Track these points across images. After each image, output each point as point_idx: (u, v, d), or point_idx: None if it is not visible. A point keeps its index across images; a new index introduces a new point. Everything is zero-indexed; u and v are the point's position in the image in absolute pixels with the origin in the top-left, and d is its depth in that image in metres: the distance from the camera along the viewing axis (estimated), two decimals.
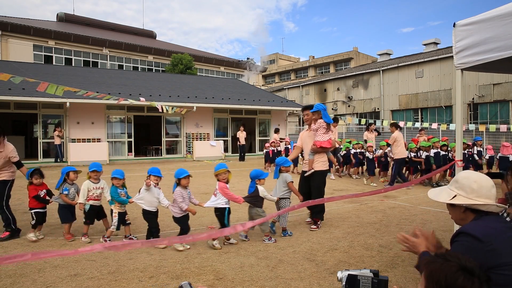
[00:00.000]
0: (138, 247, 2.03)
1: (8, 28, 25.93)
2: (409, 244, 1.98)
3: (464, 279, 1.26)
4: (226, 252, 4.28)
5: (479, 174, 1.90)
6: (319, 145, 5.37)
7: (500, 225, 1.74)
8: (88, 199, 4.87)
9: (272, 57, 54.31)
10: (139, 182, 5.55)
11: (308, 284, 3.37)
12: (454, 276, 1.27)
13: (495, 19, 3.14)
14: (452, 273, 1.27)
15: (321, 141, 5.36)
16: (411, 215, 6.22)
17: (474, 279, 1.26)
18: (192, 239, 2.29)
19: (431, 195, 2.02)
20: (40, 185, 5.04)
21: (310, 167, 5.50)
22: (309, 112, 5.59)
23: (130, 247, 2.47)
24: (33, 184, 4.99)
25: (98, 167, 5.02)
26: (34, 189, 4.98)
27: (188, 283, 1.53)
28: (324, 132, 5.39)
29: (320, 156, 5.48)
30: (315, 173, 5.45)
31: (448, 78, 21.43)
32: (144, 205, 4.65)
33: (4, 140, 5.06)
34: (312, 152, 5.46)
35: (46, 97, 15.31)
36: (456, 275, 1.27)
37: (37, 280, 3.49)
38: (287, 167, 5.30)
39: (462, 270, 1.28)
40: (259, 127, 22.83)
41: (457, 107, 3.90)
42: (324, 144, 5.36)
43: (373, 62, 37.20)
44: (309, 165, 5.53)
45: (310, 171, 5.49)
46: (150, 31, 41.51)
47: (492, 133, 15.71)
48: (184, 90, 21.22)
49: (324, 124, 5.38)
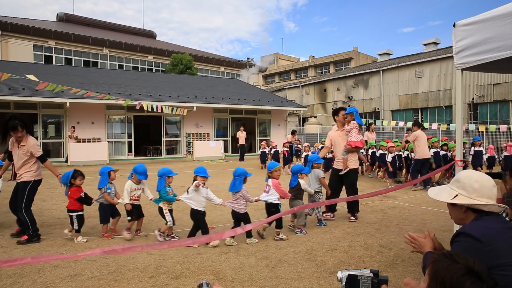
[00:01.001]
0: (138, 251, 2.03)
1: (8, 28, 25.94)
2: (416, 244, 1.98)
3: (471, 284, 1.22)
4: (226, 252, 4.28)
5: (480, 173, 1.89)
6: (354, 145, 5.78)
7: (499, 225, 1.74)
8: (130, 199, 4.94)
9: (272, 57, 54.31)
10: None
11: (308, 284, 3.37)
12: (461, 279, 1.23)
13: (495, 19, 3.14)
14: (459, 276, 1.24)
15: (355, 141, 5.77)
16: (411, 215, 6.22)
17: (481, 284, 1.23)
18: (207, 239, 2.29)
19: (431, 194, 2.01)
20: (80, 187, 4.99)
21: (344, 166, 5.91)
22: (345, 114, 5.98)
23: (130, 252, 2.48)
24: (75, 186, 4.87)
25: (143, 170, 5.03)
26: (76, 190, 4.86)
27: (207, 283, 1.53)
28: (357, 132, 5.82)
29: (352, 155, 5.91)
30: (350, 171, 5.89)
31: (448, 78, 21.44)
32: (193, 205, 4.72)
33: (26, 134, 4.82)
34: (346, 151, 5.86)
35: (46, 97, 15.31)
36: (463, 279, 1.23)
37: (37, 280, 3.49)
38: (319, 164, 5.79)
39: (469, 274, 1.24)
40: (259, 127, 22.83)
41: (457, 107, 3.90)
42: (357, 144, 5.78)
43: (373, 62, 37.20)
44: (343, 164, 5.93)
45: (345, 169, 5.90)
46: (150, 31, 41.53)
47: (492, 133, 15.71)
48: (184, 90, 21.22)
49: (356, 125, 5.80)
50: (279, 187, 4.89)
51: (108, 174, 5.00)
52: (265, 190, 4.97)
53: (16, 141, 4.83)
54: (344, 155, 5.89)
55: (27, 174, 4.82)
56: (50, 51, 28.16)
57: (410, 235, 2.02)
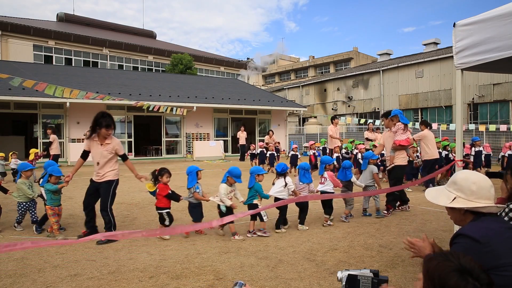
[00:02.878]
0: (138, 236, 2.03)
1: (8, 28, 25.94)
2: (416, 249, 1.97)
3: (457, 280, 1.22)
4: (226, 252, 4.28)
5: (477, 174, 1.88)
6: (398, 143, 6.33)
7: (498, 225, 1.74)
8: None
9: (272, 57, 54.29)
10: (140, 182, 5.57)
11: (308, 284, 3.37)
12: (447, 276, 1.24)
13: (495, 19, 3.14)
14: (446, 272, 1.24)
15: (400, 140, 6.33)
16: (411, 215, 6.22)
17: (470, 280, 1.22)
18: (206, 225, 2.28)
19: (429, 197, 1.99)
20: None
21: (390, 162, 6.51)
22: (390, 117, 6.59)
23: (129, 237, 2.48)
24: (162, 183, 4.91)
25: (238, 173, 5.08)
26: (164, 188, 4.92)
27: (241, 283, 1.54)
28: (402, 132, 6.35)
29: (400, 153, 6.40)
30: (395, 167, 6.42)
31: (448, 78, 21.43)
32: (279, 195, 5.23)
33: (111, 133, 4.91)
34: (393, 150, 6.42)
35: (46, 97, 15.31)
36: (449, 275, 1.23)
37: (37, 280, 3.49)
38: (374, 160, 6.47)
39: (457, 271, 1.24)
40: (259, 127, 22.83)
41: (457, 107, 3.90)
42: (402, 142, 6.32)
43: (373, 62, 37.19)
44: (390, 161, 6.54)
45: (391, 165, 6.49)
46: (150, 31, 41.54)
47: (492, 133, 15.70)
48: (184, 90, 21.22)
49: (401, 125, 6.35)
50: (334, 178, 5.68)
51: (196, 173, 5.07)
52: (321, 182, 5.69)
53: (100, 139, 4.84)
54: (391, 153, 6.48)
55: (111, 173, 4.83)
56: (50, 51, 28.16)
57: (408, 240, 2.01)
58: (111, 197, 4.80)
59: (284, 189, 5.21)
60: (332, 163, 6.06)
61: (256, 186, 5.03)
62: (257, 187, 5.03)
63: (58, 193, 4.96)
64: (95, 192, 4.85)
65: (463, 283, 1.22)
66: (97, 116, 4.85)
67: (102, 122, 4.77)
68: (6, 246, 1.48)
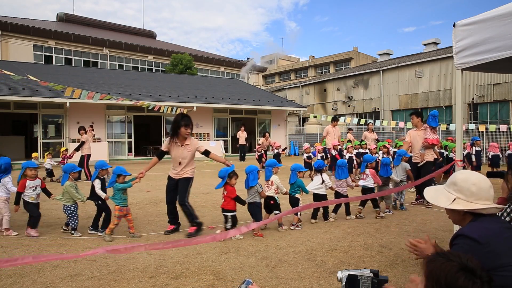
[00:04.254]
0: (141, 250, 2.03)
1: (8, 28, 25.93)
2: (418, 250, 1.97)
3: (465, 280, 1.23)
4: (226, 252, 4.28)
5: (477, 175, 1.86)
6: (430, 142, 6.89)
7: (498, 225, 1.74)
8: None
9: (272, 57, 54.28)
10: (141, 182, 5.56)
11: (308, 284, 3.37)
12: (454, 276, 1.24)
13: (495, 19, 3.14)
14: (453, 273, 1.25)
15: (431, 139, 6.91)
16: (411, 215, 6.22)
17: (475, 279, 1.24)
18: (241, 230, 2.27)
19: (428, 197, 1.99)
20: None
21: (422, 159, 7.05)
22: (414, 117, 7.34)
23: (132, 251, 2.46)
24: (230, 185, 4.98)
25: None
26: (233, 190, 4.96)
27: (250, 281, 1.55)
28: (432, 132, 6.94)
29: (429, 150, 7.03)
30: (426, 162, 6.99)
31: (448, 78, 21.43)
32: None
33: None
34: (423, 147, 7.02)
35: (46, 97, 15.32)
36: (457, 275, 1.24)
37: (37, 280, 3.49)
38: (406, 157, 7.03)
39: (463, 270, 1.25)
40: (259, 127, 22.83)
41: (457, 107, 3.90)
42: (433, 141, 6.92)
43: (373, 62, 37.18)
44: (420, 157, 7.08)
45: (422, 162, 7.01)
46: (150, 31, 41.52)
47: (492, 133, 15.70)
48: (184, 90, 21.22)
49: (427, 126, 6.98)
50: (375, 175, 6.22)
51: (257, 173, 5.19)
52: (362, 178, 6.29)
53: (180, 141, 5.15)
54: (421, 150, 7.07)
55: (190, 171, 5.21)
56: (50, 51, 28.15)
57: (411, 242, 2.00)
58: (188, 191, 5.18)
59: (322, 185, 5.69)
60: (374, 161, 6.54)
61: (298, 181, 5.48)
62: (299, 182, 5.49)
63: (126, 193, 5.03)
64: (175, 188, 5.20)
65: (470, 283, 1.23)
66: (177, 118, 5.15)
67: (181, 122, 5.07)
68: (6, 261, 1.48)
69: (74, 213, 5.15)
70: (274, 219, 5.09)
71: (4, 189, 5.17)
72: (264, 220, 4.67)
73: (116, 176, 4.95)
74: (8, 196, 5.22)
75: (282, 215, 4.24)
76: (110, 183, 5.06)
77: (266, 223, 5.17)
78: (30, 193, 5.08)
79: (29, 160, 6.03)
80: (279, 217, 5.12)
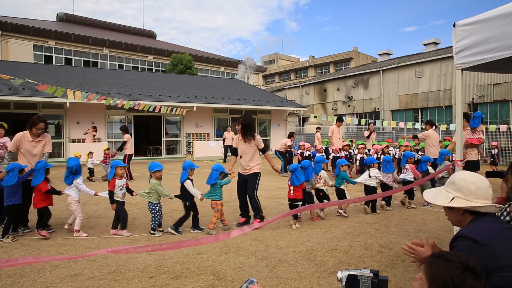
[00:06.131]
0: (143, 251, 2.03)
1: (8, 28, 25.91)
2: (416, 254, 1.97)
3: (471, 280, 1.24)
4: (226, 252, 4.28)
5: (475, 175, 1.88)
6: (470, 141, 7.18)
7: (497, 226, 1.73)
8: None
9: (272, 57, 54.28)
10: (141, 182, 5.56)
11: (308, 284, 3.37)
12: (461, 277, 1.25)
13: (495, 19, 3.14)
14: (459, 274, 1.25)
15: (472, 138, 7.19)
16: (411, 215, 6.22)
17: (480, 278, 1.24)
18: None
19: (428, 197, 1.99)
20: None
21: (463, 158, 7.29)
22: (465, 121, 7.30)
23: (134, 251, 2.48)
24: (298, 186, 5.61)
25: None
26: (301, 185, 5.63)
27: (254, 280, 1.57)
28: (472, 132, 7.19)
29: (471, 149, 7.29)
30: (467, 162, 6.87)
31: (448, 78, 21.43)
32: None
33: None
34: (465, 147, 7.11)
35: (46, 97, 15.30)
36: (463, 276, 1.25)
37: (37, 280, 3.49)
38: (449, 156, 7.34)
39: (467, 270, 1.26)
40: (259, 127, 22.83)
41: (457, 107, 3.90)
42: (473, 141, 7.18)
43: (373, 62, 37.18)
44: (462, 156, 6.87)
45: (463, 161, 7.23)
46: (150, 31, 41.51)
47: (492, 133, 15.70)
48: (184, 90, 21.21)
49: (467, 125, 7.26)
50: (415, 170, 6.80)
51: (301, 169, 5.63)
52: (403, 172, 6.90)
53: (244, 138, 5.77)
54: (463, 149, 7.08)
55: (257, 167, 5.73)
56: (50, 51, 28.13)
57: (408, 246, 1.99)
58: (257, 186, 5.68)
59: (370, 178, 6.42)
60: (413, 157, 7.06)
61: (341, 174, 6.25)
62: (343, 175, 6.26)
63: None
64: (244, 183, 5.73)
65: (477, 282, 1.24)
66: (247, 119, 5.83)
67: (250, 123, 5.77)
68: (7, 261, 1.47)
69: (159, 212, 5.13)
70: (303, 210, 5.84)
71: (76, 190, 5.16)
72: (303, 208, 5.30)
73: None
74: (79, 197, 5.21)
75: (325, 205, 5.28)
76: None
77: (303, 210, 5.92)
78: (117, 192, 5.14)
79: (117, 160, 6.20)
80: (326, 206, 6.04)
